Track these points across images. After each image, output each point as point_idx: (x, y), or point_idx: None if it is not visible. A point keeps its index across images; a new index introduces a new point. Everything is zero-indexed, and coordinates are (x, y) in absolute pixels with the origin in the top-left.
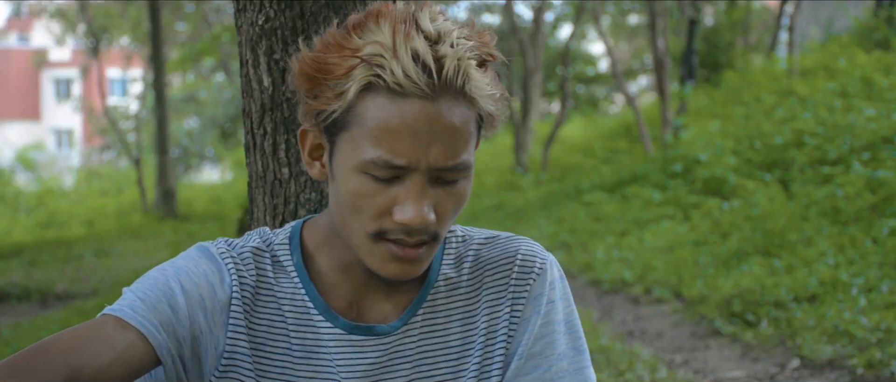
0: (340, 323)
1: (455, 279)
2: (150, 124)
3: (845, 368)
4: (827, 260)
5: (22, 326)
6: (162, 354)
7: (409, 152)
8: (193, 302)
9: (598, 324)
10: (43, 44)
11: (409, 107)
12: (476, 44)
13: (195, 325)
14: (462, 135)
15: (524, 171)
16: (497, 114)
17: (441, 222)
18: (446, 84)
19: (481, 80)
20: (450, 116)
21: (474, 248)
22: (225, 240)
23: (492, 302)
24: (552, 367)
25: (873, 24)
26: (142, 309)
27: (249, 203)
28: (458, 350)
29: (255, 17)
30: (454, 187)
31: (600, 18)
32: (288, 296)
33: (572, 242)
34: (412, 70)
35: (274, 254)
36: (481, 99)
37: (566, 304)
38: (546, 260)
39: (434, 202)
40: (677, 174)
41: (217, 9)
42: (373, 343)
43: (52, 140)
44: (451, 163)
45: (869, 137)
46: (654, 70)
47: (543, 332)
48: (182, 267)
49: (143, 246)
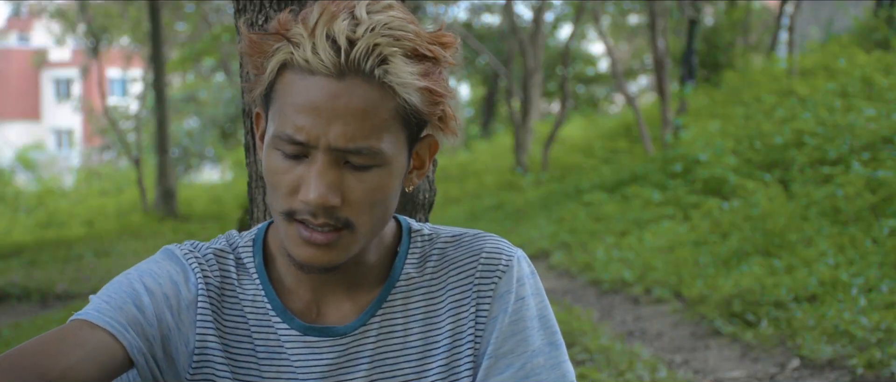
0: (296, 325)
1: (417, 278)
2: (150, 124)
3: (845, 368)
4: (827, 260)
5: (22, 326)
6: (133, 353)
7: (309, 128)
8: (159, 301)
9: (598, 324)
10: (43, 44)
11: (315, 84)
12: (413, 35)
13: (163, 324)
14: (368, 119)
15: (524, 171)
16: (431, 111)
17: (352, 210)
18: (355, 65)
19: (403, 69)
20: (353, 97)
21: (440, 247)
22: (190, 243)
23: (456, 301)
24: (527, 364)
25: (873, 24)
26: (108, 311)
27: (249, 203)
28: (420, 350)
29: (254, 17)
30: (365, 174)
31: (600, 18)
32: (249, 298)
33: (572, 242)
34: (322, 48)
35: (238, 256)
36: (400, 87)
37: (538, 300)
38: (513, 257)
39: (342, 186)
40: (677, 174)
41: (217, 9)
42: (328, 344)
43: (52, 140)
44: (351, 146)
45: (869, 137)
46: (654, 70)
47: (514, 330)
48: (146, 269)
49: (143, 246)
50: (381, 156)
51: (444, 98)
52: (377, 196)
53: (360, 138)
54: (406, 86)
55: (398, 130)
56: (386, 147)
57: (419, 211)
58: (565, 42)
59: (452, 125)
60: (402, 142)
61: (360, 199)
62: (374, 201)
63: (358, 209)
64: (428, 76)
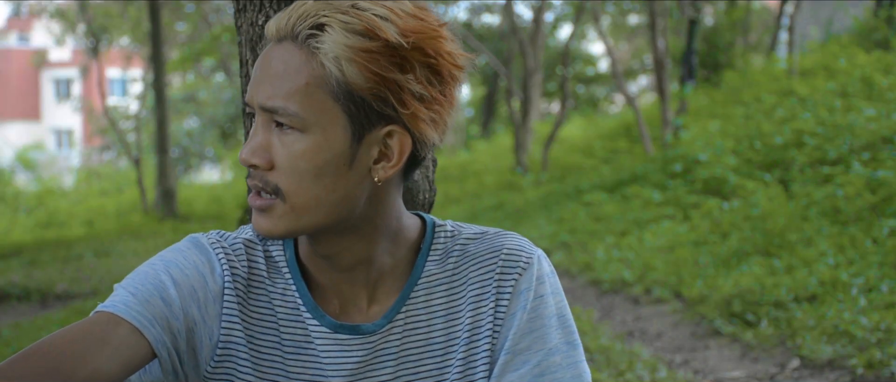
0: (326, 322)
1: (438, 274)
2: (150, 124)
3: (845, 368)
4: (827, 260)
5: (22, 326)
6: (157, 348)
7: (249, 89)
8: (185, 293)
9: (598, 324)
10: (43, 44)
11: (265, 50)
12: (373, 16)
13: (189, 317)
14: (289, 80)
15: (524, 171)
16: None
17: (280, 176)
18: (290, 29)
19: (337, 40)
20: (281, 58)
21: (461, 243)
22: (217, 232)
23: (476, 297)
24: (543, 362)
25: (873, 24)
26: (134, 304)
27: None
28: (443, 346)
29: (255, 17)
30: (286, 137)
31: (600, 18)
32: (279, 291)
33: (572, 242)
34: (277, 20)
35: (266, 249)
36: (325, 56)
37: (557, 299)
38: (533, 255)
39: (271, 148)
40: (677, 174)
41: (217, 9)
42: (358, 342)
43: (52, 140)
44: (267, 103)
45: (869, 137)
46: (654, 70)
47: (531, 327)
48: (172, 259)
49: (143, 246)
50: (299, 120)
51: (387, 83)
52: (301, 164)
53: (277, 97)
54: (332, 54)
55: (327, 102)
56: (304, 113)
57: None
58: (565, 42)
59: (422, 127)
60: (336, 118)
61: (286, 165)
62: (299, 169)
63: (284, 175)
64: (371, 55)
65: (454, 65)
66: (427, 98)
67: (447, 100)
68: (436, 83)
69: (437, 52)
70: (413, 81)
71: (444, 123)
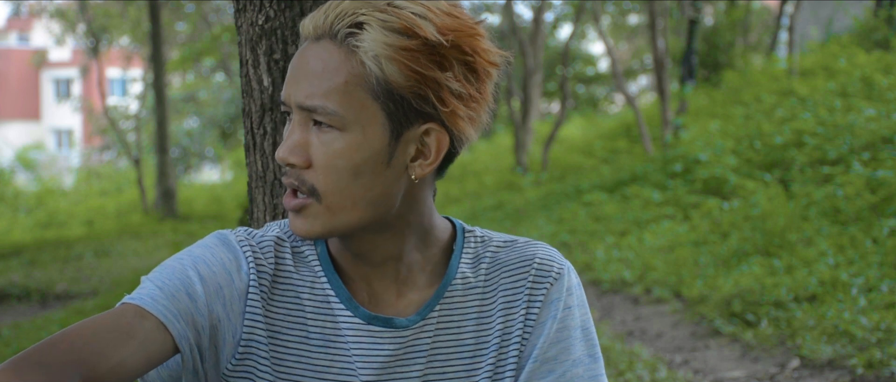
0: (360, 313)
1: (472, 278)
2: (150, 124)
3: (845, 368)
4: (827, 260)
5: (22, 326)
6: (181, 344)
7: (286, 87)
8: (211, 290)
9: (598, 324)
10: (43, 44)
11: (301, 48)
12: (411, 14)
13: (214, 314)
14: (328, 78)
15: (524, 171)
16: (414, 93)
17: (317, 175)
18: (328, 27)
19: (376, 38)
20: (319, 57)
21: (492, 250)
22: (245, 229)
23: (507, 304)
24: (567, 373)
25: (873, 24)
26: (161, 298)
27: (249, 203)
28: (472, 348)
29: (255, 17)
30: (325, 136)
31: (600, 18)
32: (307, 285)
33: (572, 242)
34: (313, 18)
35: (293, 245)
36: (364, 54)
37: (583, 311)
38: (564, 267)
39: (309, 147)
40: (677, 174)
41: (217, 9)
42: (390, 336)
43: (52, 140)
44: (307, 102)
45: (869, 137)
46: (654, 70)
47: (559, 337)
48: (199, 255)
49: (143, 246)
50: (339, 118)
51: (427, 81)
52: (340, 162)
53: (316, 96)
54: (372, 52)
55: (366, 100)
56: (343, 111)
57: None
58: (565, 42)
59: (461, 125)
60: (375, 116)
61: (322, 163)
62: (337, 167)
63: (321, 174)
64: (411, 54)
65: (490, 62)
66: (465, 95)
67: (483, 97)
68: (473, 80)
69: (473, 50)
70: (452, 79)
71: (480, 120)
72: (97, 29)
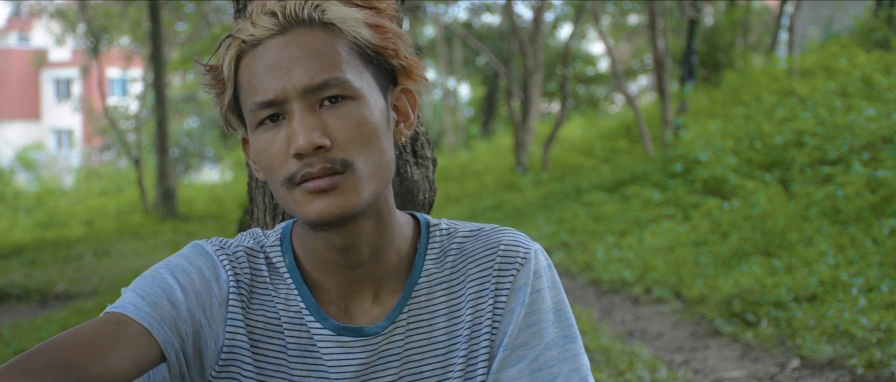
0: (329, 324)
1: (437, 273)
2: (150, 124)
3: (845, 368)
4: (827, 260)
5: (22, 326)
6: (166, 349)
7: (271, 84)
8: (191, 297)
9: (598, 324)
10: (43, 44)
11: (264, 49)
12: None
13: (195, 320)
14: (325, 55)
15: (524, 171)
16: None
17: (345, 149)
18: (294, 17)
19: (344, 10)
20: (303, 43)
21: (458, 241)
22: (219, 239)
23: (475, 294)
24: (540, 356)
25: (873, 24)
26: (143, 306)
27: (249, 203)
28: (445, 344)
29: None
30: (341, 109)
31: (600, 18)
32: (282, 297)
33: (572, 242)
34: (260, 19)
35: (267, 255)
36: (342, 23)
37: (554, 293)
38: (530, 250)
39: (325, 127)
40: (677, 174)
41: (217, 9)
42: (361, 344)
43: (52, 140)
44: (317, 80)
45: (869, 137)
46: (654, 70)
47: (528, 322)
48: (177, 264)
49: (143, 246)
50: (349, 87)
51: (391, 32)
52: (363, 129)
53: (323, 72)
54: (347, 21)
55: (360, 66)
56: (351, 78)
57: (419, 211)
58: (565, 42)
59: (417, 71)
60: (370, 80)
61: (347, 136)
62: (362, 135)
63: (350, 146)
64: (374, 14)
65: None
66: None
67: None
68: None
69: (394, 9)
70: (404, 34)
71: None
72: (97, 29)
